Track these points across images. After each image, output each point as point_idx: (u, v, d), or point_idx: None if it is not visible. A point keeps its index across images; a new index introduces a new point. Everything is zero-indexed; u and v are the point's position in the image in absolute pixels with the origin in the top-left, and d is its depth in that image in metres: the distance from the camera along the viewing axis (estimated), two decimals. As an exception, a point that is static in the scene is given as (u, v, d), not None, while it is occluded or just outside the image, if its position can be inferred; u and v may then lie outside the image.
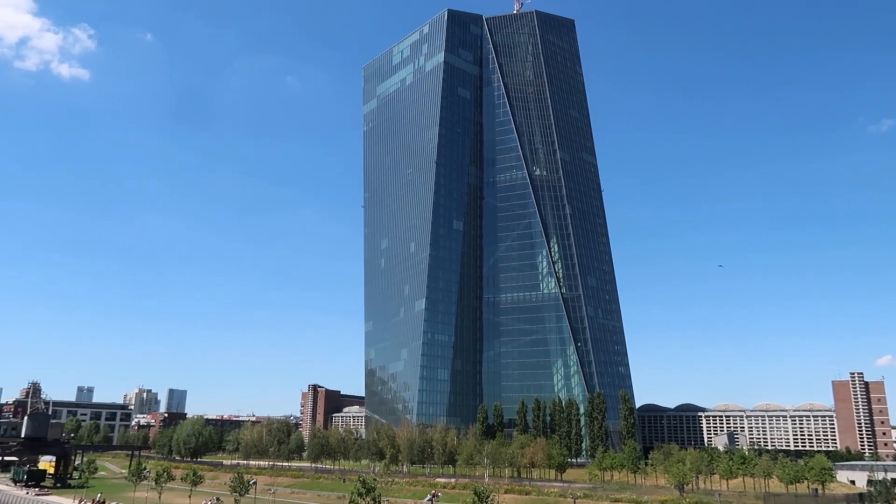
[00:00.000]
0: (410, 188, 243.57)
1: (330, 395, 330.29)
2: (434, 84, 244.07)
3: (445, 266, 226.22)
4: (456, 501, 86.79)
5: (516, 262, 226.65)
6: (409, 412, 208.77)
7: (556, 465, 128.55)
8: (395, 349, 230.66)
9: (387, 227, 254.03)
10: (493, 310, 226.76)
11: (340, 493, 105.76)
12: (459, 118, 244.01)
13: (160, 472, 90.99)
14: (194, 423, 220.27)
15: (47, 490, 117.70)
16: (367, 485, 67.18)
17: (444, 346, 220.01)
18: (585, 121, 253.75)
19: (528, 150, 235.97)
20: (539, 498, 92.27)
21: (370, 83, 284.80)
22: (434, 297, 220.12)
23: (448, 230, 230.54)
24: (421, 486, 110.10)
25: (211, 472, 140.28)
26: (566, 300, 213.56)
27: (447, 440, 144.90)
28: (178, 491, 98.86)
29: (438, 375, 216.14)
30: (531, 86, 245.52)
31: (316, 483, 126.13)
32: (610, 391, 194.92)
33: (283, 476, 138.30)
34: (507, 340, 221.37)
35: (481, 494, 59.63)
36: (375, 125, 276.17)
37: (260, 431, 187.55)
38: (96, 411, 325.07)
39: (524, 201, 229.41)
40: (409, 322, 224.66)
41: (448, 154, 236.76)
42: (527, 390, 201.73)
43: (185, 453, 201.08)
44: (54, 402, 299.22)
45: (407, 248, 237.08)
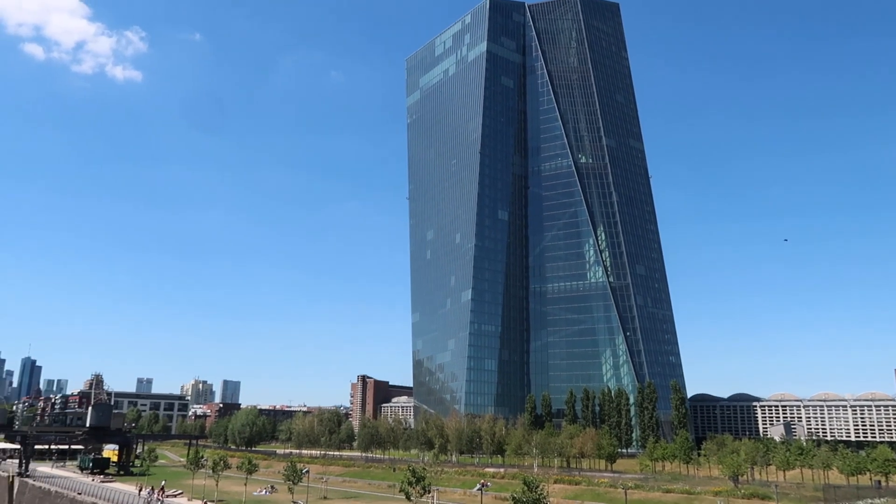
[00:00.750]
0: (455, 179, 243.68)
1: (378, 386, 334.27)
2: (477, 74, 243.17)
3: (491, 256, 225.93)
4: (505, 491, 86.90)
5: (562, 252, 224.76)
6: (456, 402, 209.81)
7: (606, 456, 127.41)
8: (442, 340, 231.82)
9: (432, 218, 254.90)
10: (539, 300, 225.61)
11: (391, 481, 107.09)
12: (503, 107, 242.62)
13: (217, 461, 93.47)
14: (248, 413, 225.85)
15: (111, 477, 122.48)
16: (417, 474, 67.79)
17: (491, 336, 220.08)
18: (631, 106, 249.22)
19: (573, 138, 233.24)
20: (589, 488, 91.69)
21: (413, 75, 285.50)
22: (480, 288, 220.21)
23: (493, 220, 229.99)
24: (470, 475, 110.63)
25: (265, 460, 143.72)
26: (614, 289, 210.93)
27: (495, 430, 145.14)
28: (234, 479, 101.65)
29: (485, 366, 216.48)
30: (575, 72, 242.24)
31: (367, 472, 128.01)
32: (660, 381, 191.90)
33: (335, 465, 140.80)
34: (555, 330, 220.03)
35: (531, 484, 59.44)
36: (419, 117, 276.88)
37: (311, 421, 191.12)
38: (155, 402, 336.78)
39: (570, 190, 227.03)
40: (455, 313, 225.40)
41: (492, 144, 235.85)
42: (575, 380, 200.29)
43: (240, 442, 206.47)
44: (116, 393, 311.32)
45: (452, 239, 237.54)
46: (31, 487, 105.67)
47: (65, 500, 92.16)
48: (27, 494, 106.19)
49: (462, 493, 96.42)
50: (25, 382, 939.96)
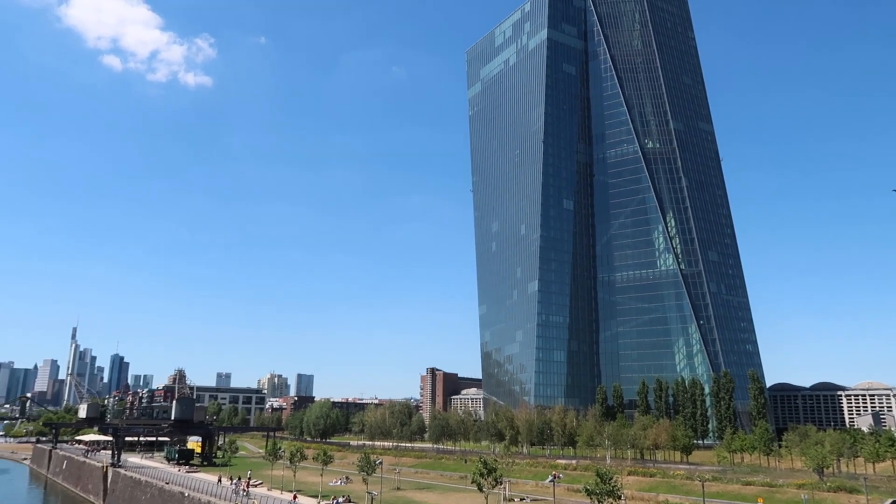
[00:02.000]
0: (518, 170, 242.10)
1: (448, 378, 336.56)
2: (538, 62, 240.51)
3: (557, 247, 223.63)
4: (578, 483, 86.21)
5: (631, 240, 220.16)
6: (526, 394, 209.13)
7: (681, 447, 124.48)
8: (509, 331, 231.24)
9: (496, 210, 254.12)
10: (608, 289, 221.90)
11: (462, 473, 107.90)
12: (565, 95, 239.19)
13: (294, 452, 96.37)
14: (322, 405, 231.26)
15: (195, 467, 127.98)
16: (489, 465, 68.01)
17: (559, 327, 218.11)
18: (699, 87, 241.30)
19: (638, 123, 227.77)
20: (664, 480, 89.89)
21: (474, 67, 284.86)
22: (547, 279, 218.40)
23: (558, 210, 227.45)
24: (541, 467, 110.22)
25: (339, 452, 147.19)
26: (686, 276, 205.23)
27: (566, 421, 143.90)
28: (311, 470, 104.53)
29: (554, 357, 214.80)
30: (639, 55, 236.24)
31: (438, 463, 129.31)
32: (737, 370, 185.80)
33: (407, 456, 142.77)
34: (625, 320, 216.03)
35: (604, 476, 58.80)
36: (480, 108, 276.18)
37: (383, 413, 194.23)
38: (234, 395, 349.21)
39: (637, 176, 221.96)
40: (522, 304, 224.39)
41: (555, 132, 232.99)
42: (647, 370, 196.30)
43: (315, 434, 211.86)
44: (198, 387, 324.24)
45: (517, 231, 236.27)
46: (124, 477, 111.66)
47: (154, 489, 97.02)
48: (120, 483, 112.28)
49: (534, 485, 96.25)
50: (115, 378, 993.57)
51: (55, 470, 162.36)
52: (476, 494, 74.01)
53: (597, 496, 57.88)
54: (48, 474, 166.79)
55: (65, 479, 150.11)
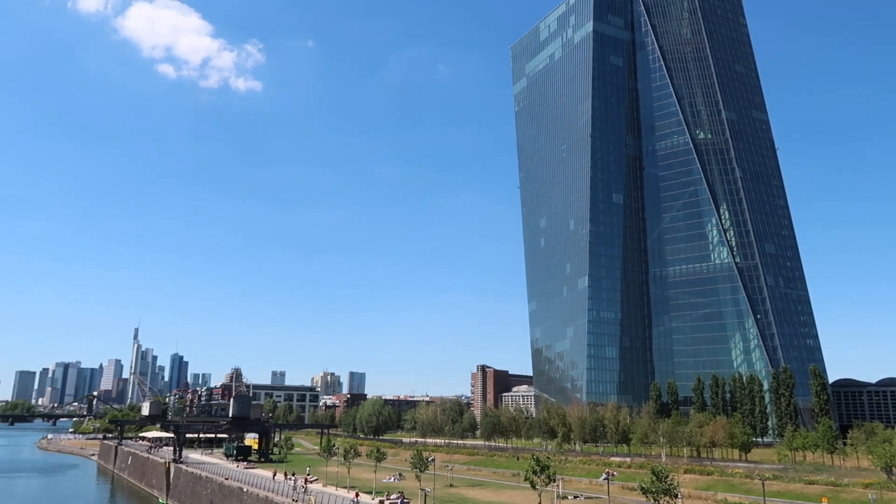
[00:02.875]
0: (566, 165, 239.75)
1: (498, 375, 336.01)
2: (584, 55, 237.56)
3: (607, 241, 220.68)
4: (632, 481, 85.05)
5: (683, 233, 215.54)
6: (578, 391, 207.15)
7: (740, 445, 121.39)
8: (560, 328, 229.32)
9: (544, 205, 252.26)
10: (660, 284, 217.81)
11: (514, 470, 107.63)
12: (613, 87, 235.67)
13: (348, 449, 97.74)
14: (374, 403, 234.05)
15: (253, 464, 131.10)
16: (541, 463, 67.73)
17: (611, 323, 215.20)
18: (753, 75, 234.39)
19: (689, 114, 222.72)
20: (722, 479, 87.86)
21: (518, 62, 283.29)
22: (597, 274, 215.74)
23: (608, 204, 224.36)
24: (595, 464, 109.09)
25: (392, 449, 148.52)
26: (741, 270, 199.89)
27: (619, 419, 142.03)
28: (364, 466, 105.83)
29: (606, 353, 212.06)
30: (689, 45, 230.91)
31: (490, 460, 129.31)
32: (797, 365, 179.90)
33: (459, 453, 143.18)
34: (678, 315, 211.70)
35: (660, 474, 57.80)
36: (526, 104, 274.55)
37: (434, 411, 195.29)
38: (289, 393, 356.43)
39: (688, 168, 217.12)
40: (572, 300, 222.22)
41: (603, 126, 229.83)
42: (702, 366, 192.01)
43: (368, 431, 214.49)
44: (253, 385, 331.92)
45: (566, 226, 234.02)
46: (185, 472, 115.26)
47: (214, 485, 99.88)
48: (182, 479, 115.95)
49: (588, 483, 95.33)
50: (175, 376, 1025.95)
51: (121, 465, 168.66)
52: (529, 492, 73.77)
53: (653, 494, 57.00)
54: (115, 469, 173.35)
55: (130, 474, 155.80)
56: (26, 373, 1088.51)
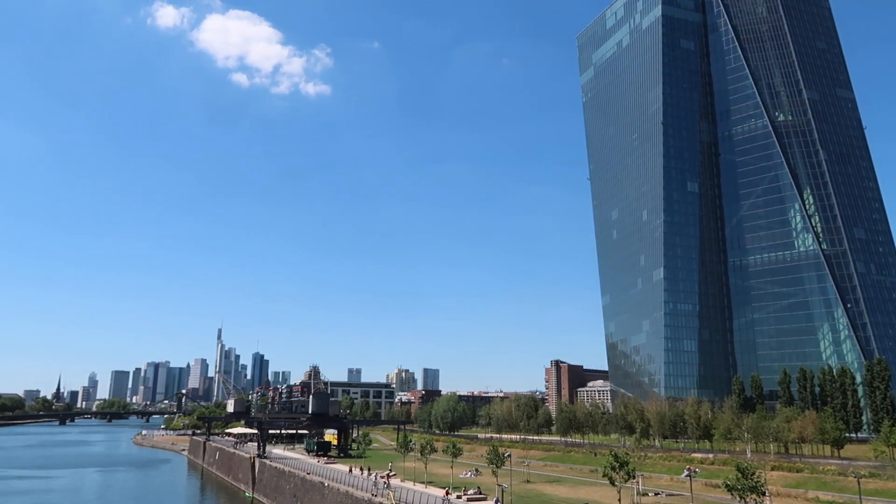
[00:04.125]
0: (637, 154, 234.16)
1: (573, 370, 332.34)
2: (653, 41, 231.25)
3: (682, 231, 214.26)
4: (716, 478, 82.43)
5: (763, 221, 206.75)
6: (655, 385, 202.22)
7: (831, 441, 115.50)
8: (635, 321, 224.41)
9: (616, 197, 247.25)
10: (740, 274, 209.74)
11: (592, 466, 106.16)
12: (684, 72, 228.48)
13: (424, 445, 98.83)
14: (448, 399, 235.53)
15: (333, 459, 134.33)
16: (620, 459, 66.41)
17: (689, 315, 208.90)
18: (836, 51, 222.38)
19: (767, 96, 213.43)
20: (813, 476, 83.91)
21: (585, 52, 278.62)
22: (673, 266, 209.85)
23: (682, 193, 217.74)
24: (675, 461, 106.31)
25: (468, 444, 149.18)
26: (828, 257, 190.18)
27: (700, 414, 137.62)
28: (441, 462, 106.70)
29: (684, 346, 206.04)
30: (765, 23, 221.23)
31: (567, 456, 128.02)
32: (893, 357, 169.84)
33: (535, 449, 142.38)
34: (760, 306, 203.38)
35: (745, 471, 55.67)
36: (594, 94, 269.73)
37: (509, 406, 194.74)
38: (365, 390, 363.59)
39: (768, 152, 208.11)
40: (647, 293, 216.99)
41: (675, 112, 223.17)
42: (787, 359, 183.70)
43: (443, 427, 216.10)
44: (331, 382, 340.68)
45: (639, 217, 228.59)
46: (269, 467, 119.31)
47: (297, 479, 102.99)
48: (266, 473, 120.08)
49: (669, 480, 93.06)
50: (256, 375, 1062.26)
51: (209, 460, 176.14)
52: (608, 488, 72.55)
53: (738, 492, 54.99)
54: (203, 464, 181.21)
55: (218, 468, 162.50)
56: (121, 372, 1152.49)
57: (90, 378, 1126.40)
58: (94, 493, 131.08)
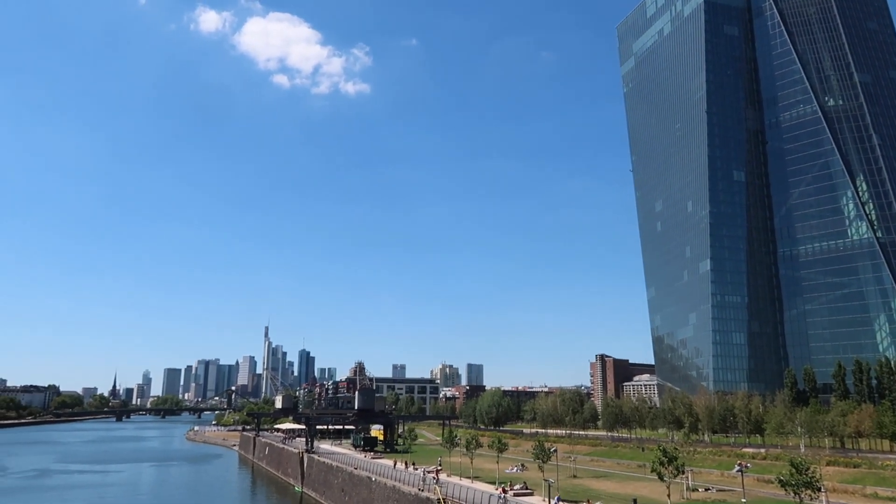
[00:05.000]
0: (681, 144, 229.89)
1: (618, 365, 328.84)
2: (695, 28, 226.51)
3: (729, 222, 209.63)
4: (768, 473, 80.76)
5: (814, 209, 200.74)
6: (704, 379, 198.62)
7: (890, 435, 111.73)
8: (682, 314, 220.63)
9: (659, 188, 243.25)
10: (791, 264, 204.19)
11: (640, 461, 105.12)
12: (728, 59, 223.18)
13: (469, 440, 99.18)
14: (493, 394, 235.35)
15: (379, 454, 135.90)
16: (669, 454, 65.67)
17: (737, 307, 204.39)
18: (888, 31, 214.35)
19: (816, 80, 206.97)
20: (871, 472, 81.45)
21: (625, 42, 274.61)
22: (720, 257, 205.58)
23: (728, 183, 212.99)
24: (726, 455, 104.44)
25: (513, 439, 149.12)
26: (884, 245, 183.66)
27: (751, 408, 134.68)
28: (486, 457, 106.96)
29: (733, 339, 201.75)
30: (812, 5, 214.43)
31: (614, 451, 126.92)
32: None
33: (581, 444, 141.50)
34: (812, 297, 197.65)
35: (799, 466, 54.45)
36: (636, 84, 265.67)
37: (554, 401, 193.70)
38: (410, 385, 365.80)
39: (818, 138, 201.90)
40: (694, 285, 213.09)
41: (719, 100, 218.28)
42: (842, 351, 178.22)
43: (488, 422, 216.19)
44: (376, 378, 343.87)
45: (684, 208, 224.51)
46: (317, 462, 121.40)
47: (344, 474, 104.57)
48: (314, 468, 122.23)
49: (719, 475, 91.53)
50: (303, 371, 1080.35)
51: (259, 455, 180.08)
52: (656, 484, 71.79)
53: (792, 487, 53.85)
54: (254, 459, 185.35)
55: (268, 463, 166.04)
56: (173, 370, 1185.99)
57: (144, 376, 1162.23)
58: (151, 487, 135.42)
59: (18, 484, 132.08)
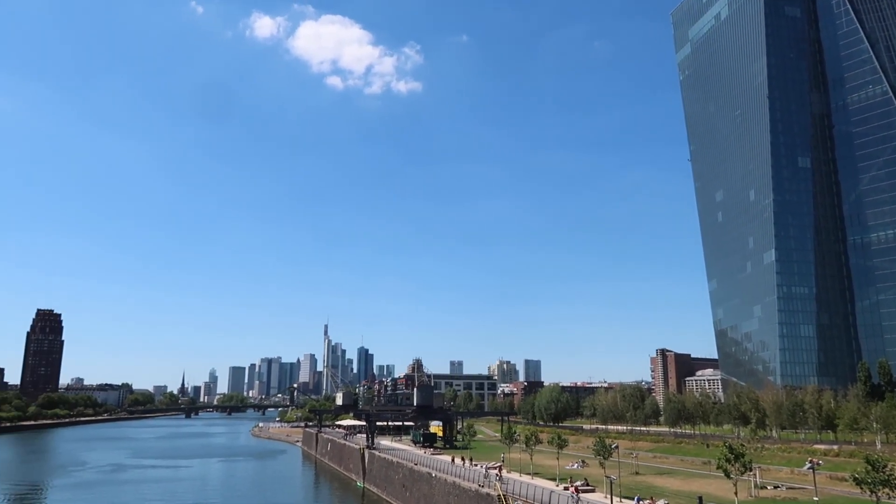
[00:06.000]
0: (741, 131, 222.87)
1: (679, 359, 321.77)
2: (754, 10, 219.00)
3: (794, 210, 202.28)
4: (842, 470, 77.69)
5: (887, 195, 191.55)
6: (770, 373, 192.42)
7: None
8: (745, 307, 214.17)
9: (719, 177, 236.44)
10: (862, 253, 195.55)
11: (704, 458, 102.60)
12: (790, 41, 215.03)
13: (529, 436, 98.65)
14: (551, 390, 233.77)
15: (439, 450, 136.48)
16: (735, 450, 63.87)
17: (805, 299, 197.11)
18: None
19: (886, 59, 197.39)
20: (954, 469, 77.22)
21: (681, 28, 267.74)
22: (785, 247, 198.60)
23: (793, 170, 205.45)
24: (795, 452, 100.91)
25: (573, 436, 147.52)
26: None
27: (821, 403, 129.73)
28: (546, 453, 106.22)
29: (801, 332, 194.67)
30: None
31: (677, 448, 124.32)
32: None
33: (643, 440, 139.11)
34: (886, 287, 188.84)
35: (876, 464, 52.05)
36: (692, 72, 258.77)
37: (614, 397, 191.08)
38: (468, 382, 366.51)
39: (889, 120, 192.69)
40: (758, 277, 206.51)
41: (782, 84, 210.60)
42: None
43: (547, 418, 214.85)
44: (434, 374, 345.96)
45: (746, 197, 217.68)
46: (378, 458, 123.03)
47: (405, 469, 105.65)
48: (375, 463, 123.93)
49: (789, 472, 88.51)
50: (362, 368, 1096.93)
51: (322, 451, 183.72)
52: (722, 481, 69.92)
53: (868, 486, 51.54)
54: (316, 454, 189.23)
55: (330, 458, 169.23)
56: (237, 368, 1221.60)
57: (210, 374, 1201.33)
58: (219, 482, 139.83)
59: (97, 478, 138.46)
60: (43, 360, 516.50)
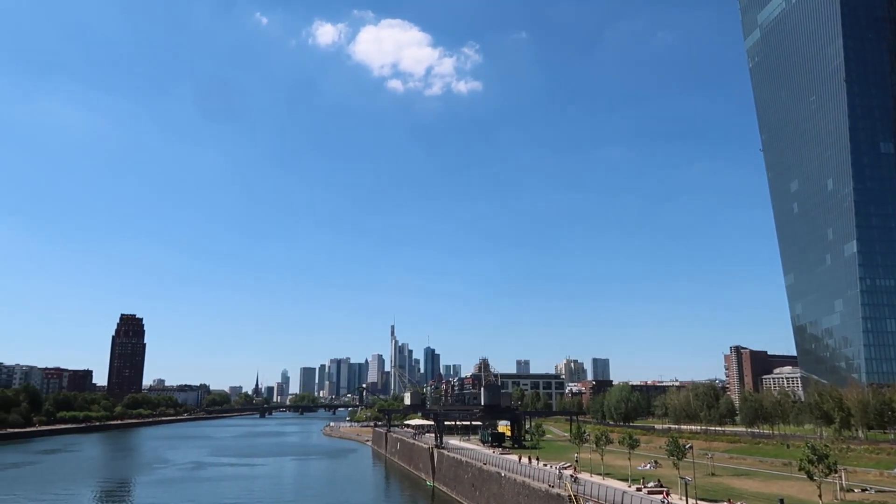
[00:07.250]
0: (817, 118, 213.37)
1: (755, 357, 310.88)
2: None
3: (877, 199, 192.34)
4: (937, 473, 73.40)
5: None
6: (854, 370, 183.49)
7: None
8: (826, 301, 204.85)
9: (794, 167, 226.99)
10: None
11: (785, 459, 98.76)
12: (868, 20, 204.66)
13: (599, 436, 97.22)
14: (621, 389, 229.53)
15: (507, 450, 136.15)
16: (818, 451, 61.22)
17: (890, 292, 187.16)
18: None
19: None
20: None
21: (749, 14, 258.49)
22: (867, 238, 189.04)
23: (874, 156, 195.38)
24: (885, 453, 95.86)
25: (644, 435, 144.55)
26: None
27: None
28: (616, 453, 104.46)
29: (888, 327, 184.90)
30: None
31: (755, 448, 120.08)
32: None
33: (718, 441, 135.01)
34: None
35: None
36: (762, 58, 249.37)
37: (686, 396, 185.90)
38: (535, 381, 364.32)
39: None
40: (838, 269, 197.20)
41: (859, 67, 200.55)
42: None
43: (617, 418, 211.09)
44: (501, 374, 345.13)
45: (823, 187, 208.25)
46: (447, 457, 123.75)
47: (474, 469, 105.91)
48: (444, 463, 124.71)
49: (877, 474, 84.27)
50: (429, 368, 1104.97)
51: (391, 450, 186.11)
52: (805, 483, 67.20)
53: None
54: (386, 453, 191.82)
55: (399, 458, 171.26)
56: (308, 369, 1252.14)
57: (282, 374, 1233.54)
58: (293, 479, 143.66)
59: (179, 475, 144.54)
60: (127, 362, 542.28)
